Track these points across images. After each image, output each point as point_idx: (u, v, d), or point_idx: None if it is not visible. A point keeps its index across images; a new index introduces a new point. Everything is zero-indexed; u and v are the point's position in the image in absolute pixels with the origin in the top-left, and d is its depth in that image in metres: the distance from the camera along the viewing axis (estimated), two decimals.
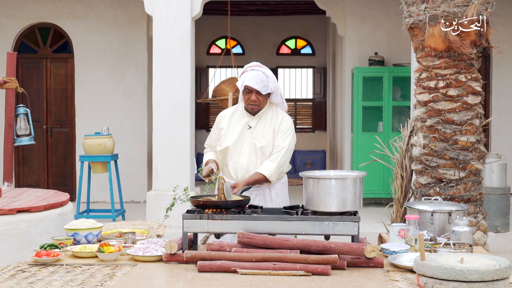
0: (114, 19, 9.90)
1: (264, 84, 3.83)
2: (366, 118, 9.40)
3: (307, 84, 14.26)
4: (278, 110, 3.99)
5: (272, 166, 3.83)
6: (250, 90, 3.86)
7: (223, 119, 4.04)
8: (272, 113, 3.97)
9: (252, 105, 3.89)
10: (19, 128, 6.18)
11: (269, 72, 3.92)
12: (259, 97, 3.86)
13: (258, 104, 3.88)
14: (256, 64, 3.95)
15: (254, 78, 3.82)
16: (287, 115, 4.01)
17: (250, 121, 3.96)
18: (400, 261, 3.04)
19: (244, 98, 3.92)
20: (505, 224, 7.20)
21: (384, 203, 8.97)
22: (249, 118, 3.97)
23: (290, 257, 2.93)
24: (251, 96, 3.86)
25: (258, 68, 3.90)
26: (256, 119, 3.96)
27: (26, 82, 9.88)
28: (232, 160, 3.93)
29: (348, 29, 9.75)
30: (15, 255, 4.12)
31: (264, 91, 3.84)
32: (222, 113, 4.10)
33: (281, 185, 4.00)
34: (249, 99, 3.88)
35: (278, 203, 3.92)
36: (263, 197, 3.92)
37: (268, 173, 3.81)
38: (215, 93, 9.43)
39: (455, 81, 4.53)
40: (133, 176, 9.83)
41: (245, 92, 3.89)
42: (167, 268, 3.05)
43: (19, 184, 9.97)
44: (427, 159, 4.60)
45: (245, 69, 3.95)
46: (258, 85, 3.81)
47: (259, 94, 3.85)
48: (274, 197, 3.94)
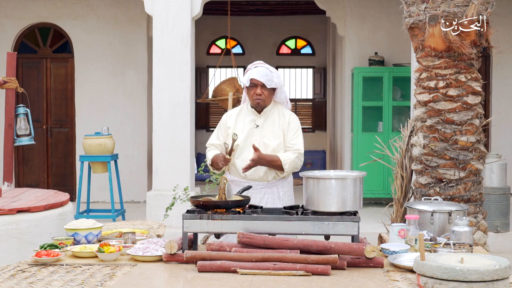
0: (114, 19, 9.90)
1: (269, 78, 3.91)
2: (366, 118, 9.40)
3: (307, 84, 14.26)
4: (283, 109, 4.06)
5: (291, 157, 3.90)
6: (255, 84, 3.92)
7: (229, 118, 4.07)
8: (279, 111, 4.03)
9: (257, 99, 3.94)
10: (19, 128, 6.18)
11: (273, 69, 4.00)
12: (264, 91, 3.92)
13: (263, 98, 3.94)
14: (259, 62, 4.04)
15: (259, 72, 3.91)
16: (293, 114, 4.08)
17: (257, 120, 4.00)
18: (400, 261, 3.04)
19: (250, 94, 3.97)
20: (505, 224, 7.20)
21: (384, 203, 8.97)
22: (255, 116, 4.02)
23: (290, 257, 2.93)
24: (257, 90, 3.92)
25: (261, 64, 4.00)
26: (262, 118, 4.00)
27: (26, 82, 9.89)
28: (240, 159, 3.96)
29: (348, 29, 9.75)
30: (15, 255, 4.12)
31: (269, 85, 3.91)
32: (228, 113, 4.15)
33: (288, 184, 4.07)
34: (254, 93, 3.93)
35: (285, 201, 3.98)
36: (271, 195, 3.96)
37: (285, 160, 3.87)
38: (215, 93, 9.44)
39: (455, 81, 4.53)
40: (133, 176, 9.83)
41: (250, 87, 3.95)
42: (167, 268, 3.05)
43: (19, 184, 9.97)
44: (427, 159, 4.60)
45: (249, 68, 4.04)
46: (263, 78, 3.89)
47: (264, 88, 3.92)
48: (282, 195, 3.99)
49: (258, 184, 3.93)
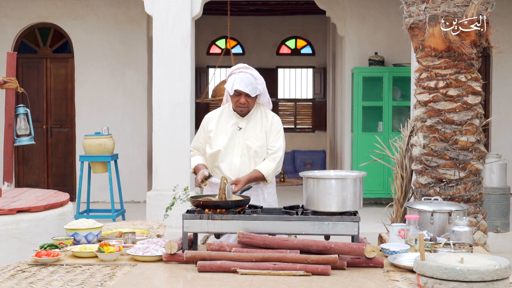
0: (114, 19, 9.90)
1: (253, 87, 3.87)
2: (366, 118, 9.40)
3: (307, 84, 14.26)
4: (266, 110, 4.05)
5: (272, 166, 3.90)
6: (239, 93, 3.89)
7: (210, 121, 4.06)
8: (261, 113, 4.01)
9: (241, 107, 3.93)
10: (19, 128, 6.18)
11: (257, 74, 3.95)
12: (248, 100, 3.91)
13: (247, 106, 3.93)
14: (244, 66, 3.98)
15: (243, 81, 3.86)
16: (276, 115, 4.07)
17: (240, 123, 3.99)
18: (400, 261, 3.04)
19: (233, 101, 3.95)
20: (505, 224, 7.20)
21: (384, 203, 8.97)
22: (237, 119, 4.00)
23: (290, 257, 2.93)
24: (240, 99, 3.90)
25: (246, 70, 3.93)
26: (245, 120, 3.99)
27: (26, 82, 9.88)
28: (224, 162, 3.96)
29: (348, 29, 9.74)
30: (15, 255, 4.12)
31: (253, 94, 3.89)
32: (209, 115, 4.12)
33: (272, 185, 4.07)
34: (238, 102, 3.92)
35: (270, 203, 3.99)
36: (256, 197, 3.95)
37: (267, 172, 3.88)
38: (215, 93, 9.43)
39: (455, 81, 4.53)
40: (133, 176, 9.82)
41: (234, 95, 3.91)
42: (167, 268, 3.05)
43: (19, 184, 9.96)
44: (427, 159, 4.60)
45: (232, 71, 3.97)
46: (248, 88, 3.85)
47: (248, 97, 3.89)
48: (267, 196, 4.01)
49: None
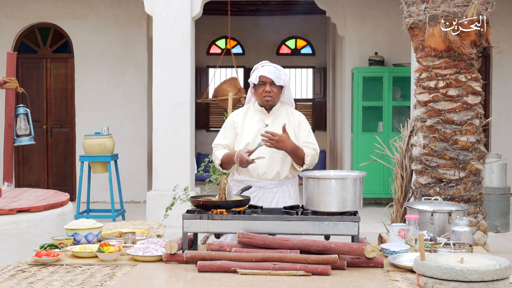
0: (114, 19, 9.90)
1: (277, 75, 3.92)
2: (366, 118, 9.40)
3: (307, 84, 14.26)
4: (291, 109, 4.08)
5: (312, 153, 3.92)
6: (264, 82, 3.92)
7: (237, 118, 4.06)
8: (287, 111, 4.04)
9: (267, 96, 3.93)
10: (19, 128, 6.18)
11: (280, 67, 4.02)
12: (273, 89, 3.93)
13: (272, 95, 3.94)
14: (266, 62, 4.06)
15: (267, 70, 3.92)
16: (302, 114, 4.10)
17: (266, 119, 4.00)
18: (400, 261, 3.04)
19: (258, 92, 3.96)
20: (505, 224, 7.20)
21: (384, 203, 8.97)
22: (263, 115, 4.01)
23: (290, 257, 2.93)
24: (266, 87, 3.92)
25: (269, 63, 4.02)
26: (271, 117, 4.00)
27: (26, 82, 9.88)
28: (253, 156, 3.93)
29: (348, 29, 9.75)
30: (15, 255, 4.12)
31: (278, 82, 3.92)
32: (235, 112, 4.13)
33: (296, 182, 4.08)
34: (263, 91, 3.93)
35: (295, 200, 3.99)
36: (282, 194, 3.95)
37: (308, 153, 3.89)
38: (216, 93, 9.44)
39: (455, 81, 4.53)
40: (133, 176, 9.83)
41: (259, 85, 3.94)
42: (167, 268, 3.05)
43: (19, 184, 9.97)
44: (427, 159, 4.60)
45: (256, 67, 4.04)
46: (272, 75, 3.90)
47: (273, 85, 3.93)
48: (292, 193, 4.01)
49: (270, 183, 3.92)
